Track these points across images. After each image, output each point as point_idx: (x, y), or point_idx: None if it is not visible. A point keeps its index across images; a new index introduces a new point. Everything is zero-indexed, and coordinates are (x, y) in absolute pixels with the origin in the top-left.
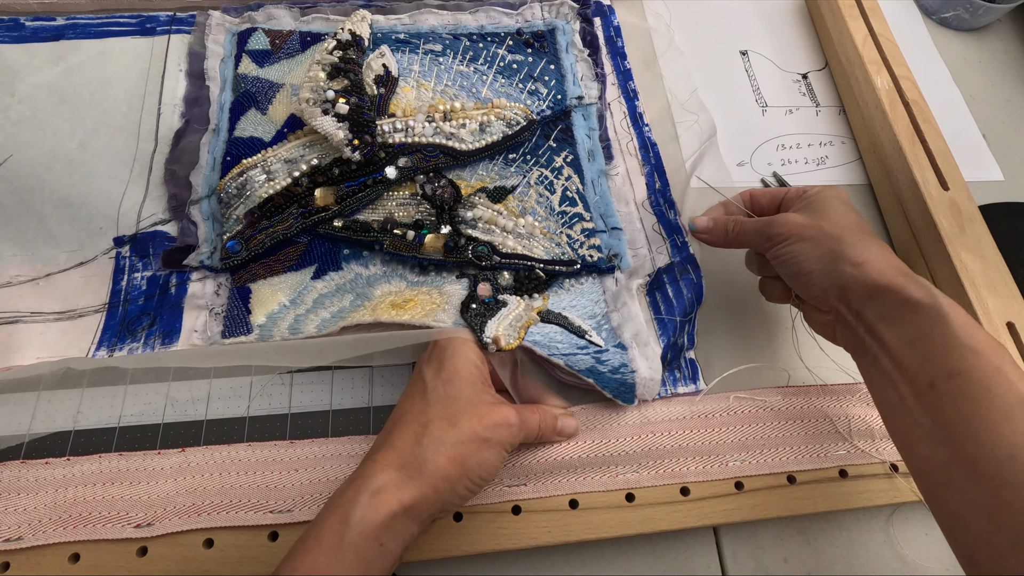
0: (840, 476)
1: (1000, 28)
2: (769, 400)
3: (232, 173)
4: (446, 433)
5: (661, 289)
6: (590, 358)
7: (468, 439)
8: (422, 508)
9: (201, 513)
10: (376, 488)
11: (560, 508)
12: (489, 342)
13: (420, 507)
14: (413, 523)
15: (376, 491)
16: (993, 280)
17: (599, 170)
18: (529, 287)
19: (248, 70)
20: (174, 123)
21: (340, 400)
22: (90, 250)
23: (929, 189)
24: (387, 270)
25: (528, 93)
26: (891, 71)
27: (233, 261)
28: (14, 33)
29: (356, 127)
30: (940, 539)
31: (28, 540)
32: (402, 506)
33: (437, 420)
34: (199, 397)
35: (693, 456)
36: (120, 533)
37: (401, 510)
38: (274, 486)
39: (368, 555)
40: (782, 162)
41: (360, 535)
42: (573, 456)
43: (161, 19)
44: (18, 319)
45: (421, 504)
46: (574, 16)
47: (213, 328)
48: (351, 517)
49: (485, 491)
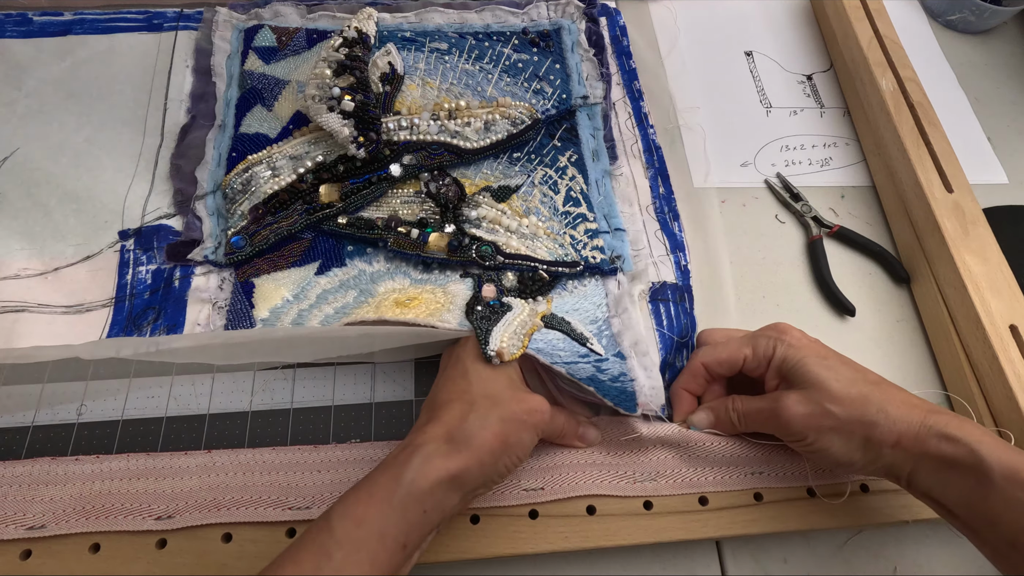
0: (861, 491)
1: (1006, 31)
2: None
3: (237, 169)
4: (490, 411)
5: (664, 303)
6: (591, 367)
7: (509, 418)
8: (467, 479)
9: (221, 508)
10: (427, 455)
11: (577, 514)
12: (493, 355)
13: (465, 477)
14: (456, 494)
15: (427, 457)
16: (997, 283)
17: (603, 170)
18: (533, 288)
19: (254, 67)
20: (180, 118)
21: (342, 396)
22: (95, 244)
23: (933, 191)
24: (391, 267)
25: (533, 92)
26: (896, 73)
27: (237, 256)
28: (22, 28)
29: (361, 124)
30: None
31: (51, 529)
32: (449, 474)
33: (481, 400)
34: (202, 391)
35: (712, 466)
36: (140, 525)
37: (448, 478)
38: (294, 485)
39: (412, 517)
40: (786, 163)
41: (409, 495)
42: (591, 461)
43: (168, 15)
44: (25, 308)
45: (466, 475)
46: (580, 16)
47: (216, 322)
48: (403, 477)
49: (502, 493)
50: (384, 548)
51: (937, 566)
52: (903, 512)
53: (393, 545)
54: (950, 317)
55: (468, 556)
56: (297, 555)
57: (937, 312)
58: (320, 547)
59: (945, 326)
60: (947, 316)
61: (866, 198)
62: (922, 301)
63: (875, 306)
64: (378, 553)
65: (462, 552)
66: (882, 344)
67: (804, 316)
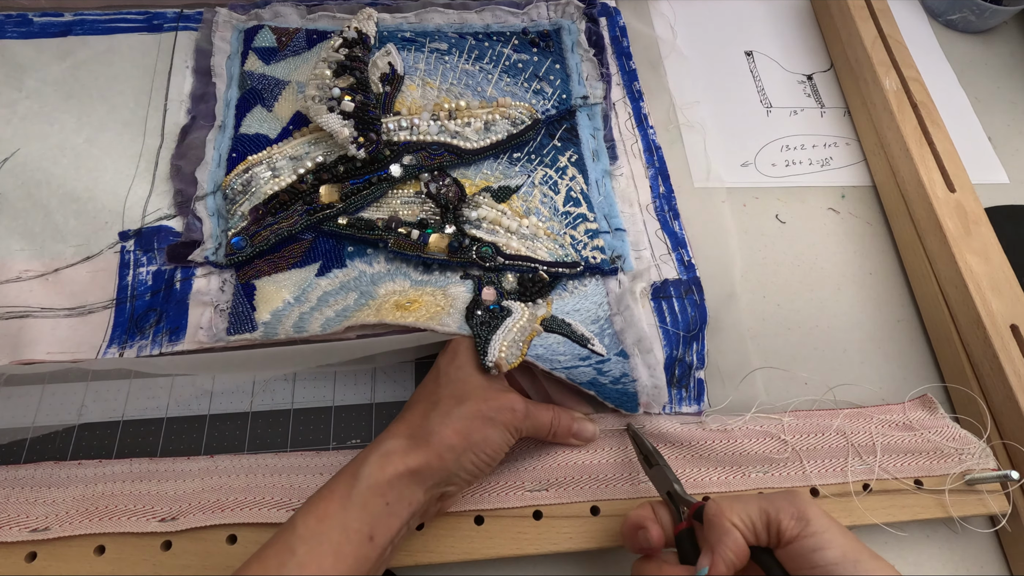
0: (863, 490)
1: (1006, 30)
2: (784, 421)
3: (238, 169)
4: (452, 409)
5: (668, 300)
6: (592, 369)
7: (473, 415)
8: (427, 474)
9: (225, 509)
10: (385, 451)
11: (582, 515)
12: (491, 366)
13: (425, 472)
14: (419, 488)
15: (385, 453)
16: (998, 282)
17: (603, 170)
18: (533, 290)
19: (254, 67)
20: (180, 119)
21: (343, 396)
22: (96, 244)
23: (935, 191)
24: (391, 268)
25: (533, 92)
26: (900, 73)
27: (238, 257)
28: (22, 28)
29: (361, 125)
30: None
31: (55, 531)
32: (408, 469)
33: (446, 398)
34: (203, 393)
35: (715, 467)
36: (144, 527)
37: (407, 472)
38: (298, 487)
39: (374, 510)
40: (786, 163)
41: (368, 489)
42: (594, 462)
43: (168, 16)
44: (28, 314)
45: (426, 470)
46: (580, 16)
47: (218, 325)
48: (360, 473)
49: (506, 495)
50: (348, 540)
51: (936, 566)
52: (903, 512)
53: (357, 537)
54: (951, 316)
55: (473, 557)
56: (262, 554)
57: (938, 311)
58: (284, 544)
59: (946, 325)
60: (948, 315)
61: (866, 198)
62: (923, 301)
63: (876, 306)
64: (341, 545)
65: (467, 553)
66: (883, 344)
67: None
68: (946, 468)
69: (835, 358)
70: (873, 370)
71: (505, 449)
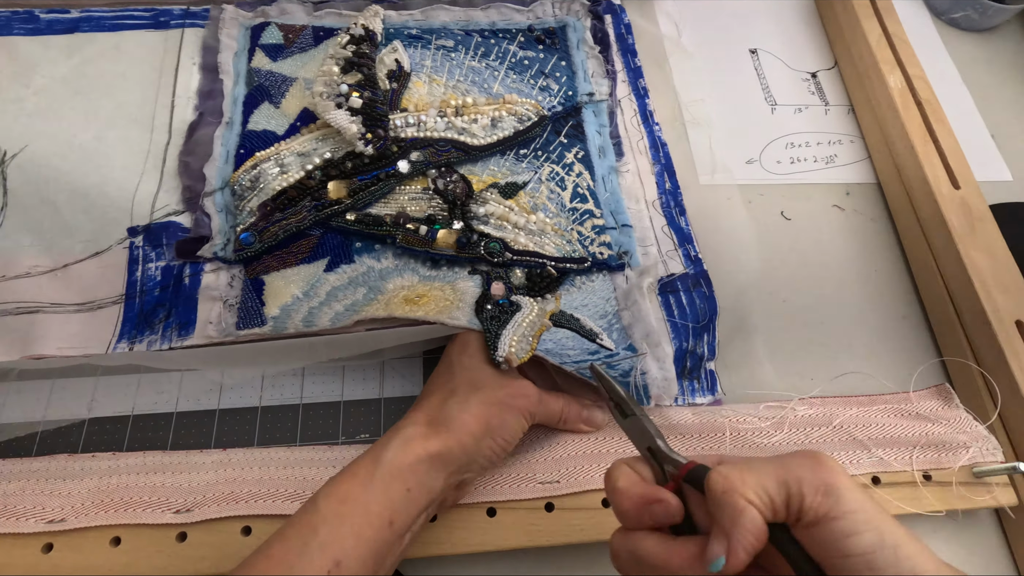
0: (872, 483)
1: (1009, 29)
2: (797, 409)
3: (246, 166)
4: (470, 395)
5: (675, 294)
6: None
7: (490, 402)
8: (448, 459)
9: (239, 501)
10: (406, 437)
11: (593, 506)
12: (501, 361)
13: (446, 457)
14: (439, 474)
15: (406, 439)
16: (1003, 279)
17: (610, 167)
18: (541, 285)
19: (261, 64)
20: (187, 116)
21: (351, 391)
22: (104, 240)
23: (940, 188)
24: (399, 264)
25: (539, 89)
26: (904, 70)
27: (247, 253)
28: (29, 26)
29: (369, 121)
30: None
31: (71, 522)
32: (428, 454)
33: (462, 386)
34: (212, 387)
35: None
36: (160, 518)
37: (427, 457)
38: (311, 479)
39: (394, 494)
40: (791, 160)
41: (389, 473)
42: (605, 451)
43: (175, 13)
44: (39, 309)
45: (447, 455)
46: (585, 13)
47: (228, 320)
48: (382, 457)
49: (519, 487)
50: (369, 523)
51: (942, 558)
52: (910, 505)
53: (378, 521)
54: (956, 313)
55: (485, 548)
56: (284, 532)
57: (943, 307)
58: (306, 524)
59: (951, 322)
60: (953, 312)
61: (871, 195)
62: (928, 297)
63: (880, 302)
64: (363, 528)
65: (479, 544)
66: (887, 340)
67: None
68: (954, 460)
69: (840, 353)
70: (878, 365)
71: (520, 435)
